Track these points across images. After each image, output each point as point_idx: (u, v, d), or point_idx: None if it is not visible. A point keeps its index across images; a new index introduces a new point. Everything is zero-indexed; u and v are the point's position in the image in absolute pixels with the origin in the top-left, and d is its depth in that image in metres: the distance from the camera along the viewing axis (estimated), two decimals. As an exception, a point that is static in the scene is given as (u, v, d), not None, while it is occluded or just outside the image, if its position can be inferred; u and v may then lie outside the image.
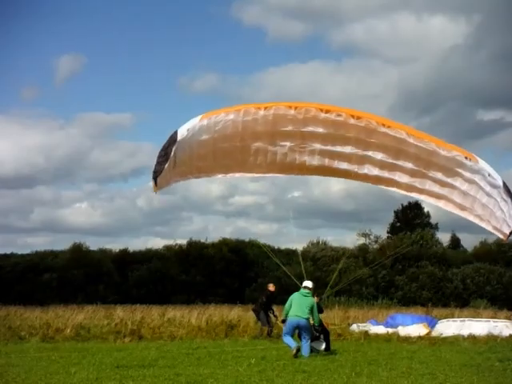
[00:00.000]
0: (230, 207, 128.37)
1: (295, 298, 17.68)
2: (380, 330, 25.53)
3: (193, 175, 16.24)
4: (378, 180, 15.84)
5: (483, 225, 15.47)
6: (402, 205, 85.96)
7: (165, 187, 15.61)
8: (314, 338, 18.26)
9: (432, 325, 26.27)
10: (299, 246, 79.45)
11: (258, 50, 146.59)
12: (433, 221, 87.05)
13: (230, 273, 73.01)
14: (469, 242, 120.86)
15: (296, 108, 14.60)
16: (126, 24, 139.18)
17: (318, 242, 78.47)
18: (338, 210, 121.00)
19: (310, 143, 15.16)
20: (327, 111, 14.64)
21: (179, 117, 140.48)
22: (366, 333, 24.59)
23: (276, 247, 78.91)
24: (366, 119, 14.73)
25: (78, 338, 22.51)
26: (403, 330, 24.88)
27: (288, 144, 15.26)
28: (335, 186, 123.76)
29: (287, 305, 17.67)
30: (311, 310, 17.38)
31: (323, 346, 18.69)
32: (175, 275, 71.58)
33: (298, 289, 18.20)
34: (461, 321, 26.96)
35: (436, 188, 15.50)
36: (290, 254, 76.38)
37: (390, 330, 25.20)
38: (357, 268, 65.74)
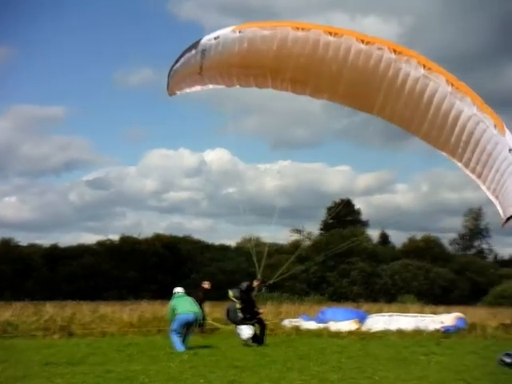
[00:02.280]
0: (165, 203, 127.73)
1: (178, 301, 18.45)
2: (311, 325, 25.86)
3: (222, 83, 15.68)
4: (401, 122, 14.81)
5: (492, 199, 14.48)
6: (334, 202, 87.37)
7: (180, 91, 15.91)
8: (241, 322, 19.08)
9: (362, 319, 26.79)
10: (233, 242, 79.70)
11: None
12: (363, 218, 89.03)
13: (163, 268, 72.50)
14: (398, 239, 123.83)
15: (336, 35, 13.85)
16: (60, 16, 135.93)
17: (251, 238, 78.80)
18: (272, 206, 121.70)
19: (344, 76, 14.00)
20: (368, 43, 13.76)
21: (113, 111, 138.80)
22: (297, 328, 24.91)
23: (210, 243, 79.04)
24: (408, 57, 13.80)
25: (5, 335, 21.88)
26: (334, 326, 25.28)
27: (325, 71, 14.13)
28: (270, 183, 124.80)
29: (170, 308, 18.44)
30: (194, 306, 18.38)
31: (247, 335, 19.17)
32: (107, 271, 70.51)
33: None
34: (389, 316, 27.62)
35: (456, 145, 14.26)
36: (224, 250, 76.71)
37: (321, 326, 25.55)
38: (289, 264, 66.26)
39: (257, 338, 19.58)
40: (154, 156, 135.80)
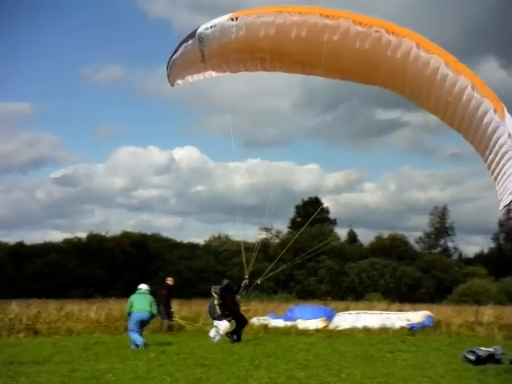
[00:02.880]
0: (133, 200, 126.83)
1: (137, 297, 18.91)
2: (279, 323, 25.95)
3: (227, 69, 15.93)
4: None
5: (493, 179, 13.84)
6: (302, 200, 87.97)
7: (182, 81, 16.07)
8: (219, 318, 19.69)
9: (330, 317, 26.97)
10: (201, 240, 79.60)
11: (164, 42, 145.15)
12: (332, 216, 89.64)
13: (131, 266, 72.03)
14: (365, 237, 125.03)
15: (333, 17, 13.90)
16: (27, 11, 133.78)
17: (220, 236, 78.87)
18: (241, 204, 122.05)
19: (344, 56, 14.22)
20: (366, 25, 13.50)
21: (81, 108, 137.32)
22: (265, 326, 24.97)
23: (179, 241, 78.76)
24: (408, 39, 13.80)
25: (-31, 334, 21.59)
26: (302, 324, 25.41)
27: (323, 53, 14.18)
28: (238, 181, 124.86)
29: (129, 303, 18.93)
30: (151, 306, 18.76)
31: (223, 329, 19.65)
32: (74, 269, 69.76)
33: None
34: (356, 313, 27.85)
35: (463, 126, 14.21)
36: (192, 248, 76.51)
37: (289, 323, 25.67)
38: (257, 262, 66.60)
39: (237, 334, 20.09)
40: (123, 153, 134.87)
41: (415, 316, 26.67)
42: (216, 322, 20.03)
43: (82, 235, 77.26)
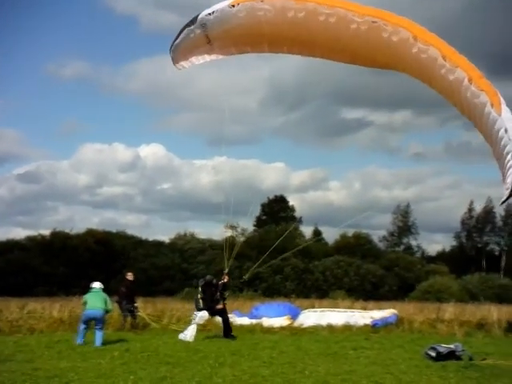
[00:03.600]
0: (98, 197, 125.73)
1: (90, 296, 19.03)
2: (244, 321, 25.98)
3: (234, 51, 16.36)
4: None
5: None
6: (268, 198, 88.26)
7: (187, 63, 16.55)
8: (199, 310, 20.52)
9: (295, 315, 27.10)
10: (166, 238, 79.25)
11: (131, 39, 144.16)
12: (297, 214, 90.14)
13: (96, 264, 71.28)
14: (330, 236, 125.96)
15: (329, 6, 13.86)
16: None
17: (186, 234, 78.62)
18: (206, 202, 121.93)
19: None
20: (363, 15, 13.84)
21: (46, 103, 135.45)
22: (230, 324, 24.95)
23: (144, 238, 78.33)
24: (405, 30, 13.87)
25: None
26: (267, 321, 25.49)
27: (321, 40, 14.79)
28: (204, 179, 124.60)
29: (83, 301, 19.06)
30: (105, 303, 18.86)
31: (198, 319, 20.40)
32: (37, 266, 68.79)
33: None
34: (321, 311, 28.05)
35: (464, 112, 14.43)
36: (157, 246, 76.11)
37: (254, 321, 25.72)
38: (222, 260, 66.82)
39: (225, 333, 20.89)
40: (88, 150, 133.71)
41: (380, 314, 26.97)
42: (196, 312, 20.78)
43: (46, 232, 76.42)
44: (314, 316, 26.80)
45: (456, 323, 25.36)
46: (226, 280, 21.51)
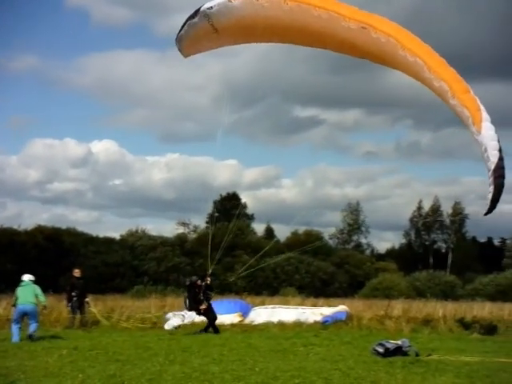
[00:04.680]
0: (48, 193, 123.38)
1: (21, 290, 18.92)
2: (195, 317, 25.91)
3: (240, 41, 17.04)
4: None
5: None
6: (220, 195, 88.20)
7: (195, 52, 17.21)
8: (189, 310, 21.77)
9: (246, 312, 27.18)
10: (117, 235, 78.43)
11: (82, 33, 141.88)
12: (249, 212, 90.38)
13: (44, 261, 69.97)
14: (282, 233, 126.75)
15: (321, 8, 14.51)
16: None
17: (137, 231, 77.89)
18: (158, 198, 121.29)
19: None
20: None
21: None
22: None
23: (94, 235, 77.29)
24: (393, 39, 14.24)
25: None
26: (217, 318, 25.46)
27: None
28: (157, 175, 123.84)
29: (14, 296, 19.03)
30: (36, 296, 18.83)
31: (167, 326, 21.68)
32: (-18, 263, 67.13)
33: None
34: (272, 308, 28.23)
35: None
36: (108, 243, 75.16)
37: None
38: (174, 257, 67.10)
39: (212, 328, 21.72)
40: (38, 145, 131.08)
41: (330, 311, 27.30)
42: (184, 312, 22.20)
43: (-9, 229, 74.42)
44: (265, 313, 26.95)
45: (403, 320, 25.85)
46: (208, 281, 22.03)
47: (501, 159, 13.49)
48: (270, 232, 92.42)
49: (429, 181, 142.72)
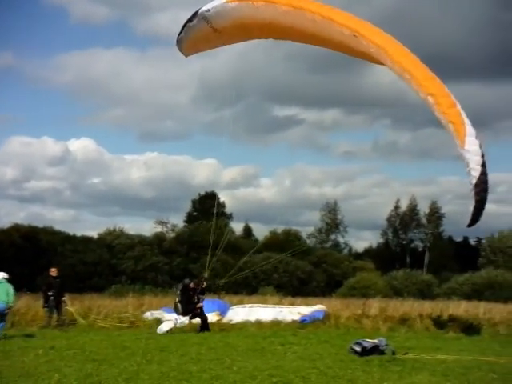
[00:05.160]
0: (25, 192, 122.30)
1: None
2: (173, 317, 25.84)
3: (238, 40, 18.12)
4: None
5: None
6: (199, 194, 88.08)
7: (195, 51, 18.42)
8: (182, 315, 21.80)
9: (224, 311, 27.19)
10: (94, 234, 77.93)
11: (60, 31, 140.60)
12: (227, 211, 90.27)
13: (21, 260, 69.27)
14: (260, 232, 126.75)
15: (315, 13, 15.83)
16: None
17: (115, 230, 77.41)
18: (136, 197, 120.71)
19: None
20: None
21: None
22: (159, 320, 24.81)
23: (72, 234, 76.76)
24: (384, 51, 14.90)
25: None
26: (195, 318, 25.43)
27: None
28: (135, 174, 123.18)
29: None
30: (7, 295, 18.71)
31: (159, 331, 21.01)
32: (-43, 262, 66.25)
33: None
34: (250, 307, 28.25)
35: None
36: (85, 241, 74.63)
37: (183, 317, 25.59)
38: (152, 256, 66.87)
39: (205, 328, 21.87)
40: (15, 143, 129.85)
41: (308, 310, 27.38)
42: (176, 316, 22.03)
43: (-33, 228, 73.51)
44: (243, 312, 26.97)
45: (380, 319, 26.01)
46: (204, 285, 22.43)
47: (483, 174, 13.79)
48: (248, 231, 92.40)
49: (407, 180, 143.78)
